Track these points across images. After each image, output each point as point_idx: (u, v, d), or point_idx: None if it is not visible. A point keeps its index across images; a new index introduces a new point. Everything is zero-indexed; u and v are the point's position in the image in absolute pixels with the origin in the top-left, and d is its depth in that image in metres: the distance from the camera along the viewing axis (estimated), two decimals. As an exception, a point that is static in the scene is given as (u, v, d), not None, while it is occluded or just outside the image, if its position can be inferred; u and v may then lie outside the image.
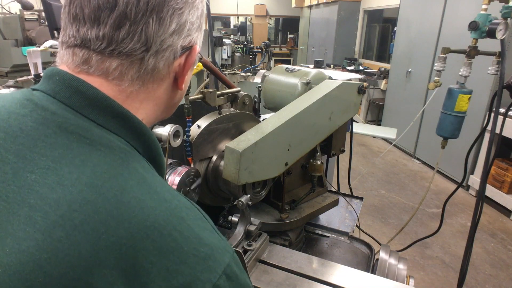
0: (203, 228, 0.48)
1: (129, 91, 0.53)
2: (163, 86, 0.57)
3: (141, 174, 0.47)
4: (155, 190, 0.46)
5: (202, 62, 1.16)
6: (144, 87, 0.54)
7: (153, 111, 0.58)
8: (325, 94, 1.17)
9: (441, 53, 1.75)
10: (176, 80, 0.58)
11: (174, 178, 1.12)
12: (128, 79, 0.52)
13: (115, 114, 0.50)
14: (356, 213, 1.48)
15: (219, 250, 0.47)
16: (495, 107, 1.55)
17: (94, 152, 0.45)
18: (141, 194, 0.44)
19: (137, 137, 0.52)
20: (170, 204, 0.46)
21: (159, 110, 0.60)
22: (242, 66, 4.00)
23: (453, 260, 3.06)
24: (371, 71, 7.28)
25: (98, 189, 0.42)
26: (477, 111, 3.95)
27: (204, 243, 0.46)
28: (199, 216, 0.50)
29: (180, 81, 0.59)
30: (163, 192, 0.47)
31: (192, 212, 0.49)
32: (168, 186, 0.50)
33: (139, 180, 0.46)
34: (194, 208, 0.51)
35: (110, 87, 0.51)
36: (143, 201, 0.44)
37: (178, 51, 0.55)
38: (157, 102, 0.58)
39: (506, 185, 3.84)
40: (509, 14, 1.52)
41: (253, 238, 1.05)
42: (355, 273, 1.02)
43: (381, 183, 4.53)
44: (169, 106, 0.63)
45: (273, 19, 13.14)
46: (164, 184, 0.50)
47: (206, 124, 1.17)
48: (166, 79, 0.56)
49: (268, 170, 1.08)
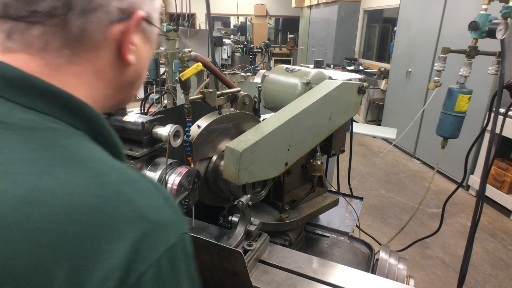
0: (149, 202, 0.43)
1: (56, 63, 0.47)
2: (102, 56, 0.50)
3: (70, 152, 0.42)
4: (87, 166, 0.42)
5: (202, 62, 1.16)
6: (76, 57, 0.48)
7: (99, 88, 0.52)
8: (325, 94, 1.17)
9: (441, 53, 1.75)
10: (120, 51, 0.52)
11: (174, 178, 1.12)
12: (54, 49, 0.46)
13: (40, 92, 0.45)
14: (356, 213, 1.48)
15: (165, 226, 0.42)
16: (495, 107, 1.55)
17: (12, 137, 0.41)
18: (66, 174, 0.40)
19: (71, 113, 0.47)
20: (105, 178, 0.42)
21: (109, 88, 0.54)
22: (242, 66, 4.00)
23: (453, 260, 3.06)
24: (371, 71, 7.28)
25: (14, 176, 0.38)
26: (477, 111, 3.95)
27: (146, 217, 0.41)
28: (148, 189, 0.45)
29: (124, 51, 0.51)
30: (98, 167, 0.43)
31: (138, 184, 0.44)
32: (112, 162, 0.45)
33: (66, 159, 0.41)
34: (143, 180, 0.46)
35: (34, 62, 0.46)
36: (68, 180, 0.39)
37: (113, 14, 0.48)
38: (101, 77, 0.52)
39: (506, 185, 3.84)
40: (509, 14, 1.52)
41: (253, 238, 1.05)
42: (355, 273, 1.02)
43: (381, 183, 4.53)
44: (123, 84, 0.56)
45: (273, 19, 13.14)
46: (107, 160, 0.45)
47: (206, 124, 1.17)
48: (104, 48, 0.50)
49: (268, 170, 1.08)
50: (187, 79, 1.11)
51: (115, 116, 1.25)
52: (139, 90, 0.64)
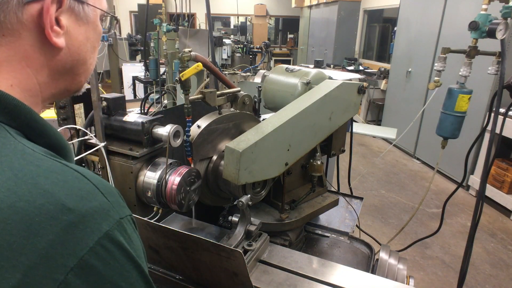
0: (73, 191, 0.40)
1: None
2: (23, 41, 0.47)
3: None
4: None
5: (202, 62, 1.16)
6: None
7: (29, 75, 0.49)
8: (325, 94, 1.17)
9: (441, 53, 1.75)
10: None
11: (175, 178, 1.12)
12: None
13: None
14: (356, 213, 1.48)
15: (94, 215, 0.40)
16: (495, 107, 1.55)
17: None
18: None
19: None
20: (17, 172, 0.39)
21: (42, 75, 0.51)
22: (242, 66, 4.00)
23: (453, 260, 3.06)
24: (371, 71, 7.28)
25: None
26: (477, 111, 3.95)
27: (68, 208, 0.39)
28: (72, 178, 0.42)
29: (47, 33, 0.48)
30: (11, 161, 0.40)
31: (59, 175, 0.41)
32: (29, 155, 0.42)
33: None
34: (66, 169, 0.43)
35: None
36: None
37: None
38: (29, 63, 0.48)
39: (506, 185, 3.84)
40: (509, 14, 1.52)
41: (253, 238, 1.05)
42: (355, 273, 1.02)
43: (381, 183, 4.53)
44: (59, 70, 0.53)
45: (273, 19, 13.14)
46: (22, 153, 0.42)
47: (206, 124, 1.17)
48: (23, 31, 0.47)
49: (268, 170, 1.08)
50: (187, 79, 1.11)
51: (115, 116, 1.25)
52: (87, 77, 0.59)
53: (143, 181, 1.18)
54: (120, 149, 1.20)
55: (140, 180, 1.19)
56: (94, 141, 1.22)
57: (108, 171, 1.20)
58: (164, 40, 4.12)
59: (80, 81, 0.58)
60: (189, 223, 1.29)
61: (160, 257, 1.00)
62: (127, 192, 1.22)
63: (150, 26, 4.41)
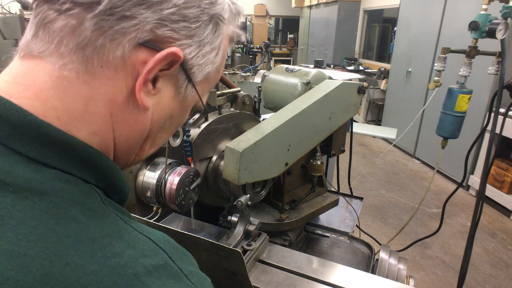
0: (163, 280, 0.37)
1: (65, 76, 0.39)
2: (115, 81, 0.41)
3: (82, 224, 0.36)
4: (101, 244, 0.36)
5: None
6: (86, 73, 0.40)
7: (108, 127, 0.43)
8: (325, 94, 1.17)
9: (441, 53, 1.75)
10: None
11: (174, 178, 1.12)
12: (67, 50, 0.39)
13: (52, 143, 0.38)
14: (356, 213, 1.48)
15: None
16: (495, 107, 1.55)
17: (18, 203, 0.34)
18: (78, 257, 0.34)
19: (84, 166, 0.40)
20: (119, 260, 0.36)
21: (118, 131, 0.44)
22: (242, 66, 4.00)
23: (453, 260, 3.06)
24: (371, 71, 7.28)
25: (21, 260, 0.32)
26: (477, 111, 3.95)
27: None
28: (162, 263, 0.39)
29: (138, 85, 0.42)
30: (111, 244, 0.37)
31: (151, 260, 0.38)
32: (122, 228, 0.39)
33: (78, 234, 0.35)
34: (157, 251, 0.39)
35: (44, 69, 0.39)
36: (81, 267, 0.33)
37: (144, 33, 0.40)
38: (112, 111, 0.42)
39: (506, 185, 3.84)
40: (509, 14, 1.52)
41: (253, 238, 1.05)
42: (355, 273, 1.02)
43: (381, 183, 4.53)
44: (135, 135, 0.46)
45: (273, 19, 13.14)
46: (116, 227, 0.39)
47: (206, 124, 1.17)
48: (120, 72, 0.41)
49: (268, 170, 1.07)
50: (187, 79, 1.10)
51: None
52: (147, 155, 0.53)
53: (143, 181, 1.18)
54: (120, 149, 1.20)
55: (140, 180, 1.19)
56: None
57: (107, 171, 1.20)
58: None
59: (141, 158, 0.52)
60: (189, 223, 1.29)
61: (159, 257, 0.99)
62: (126, 192, 1.21)
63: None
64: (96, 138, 0.42)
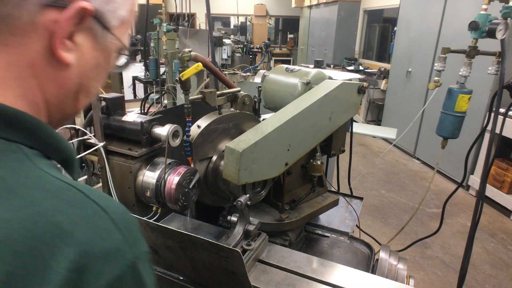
0: (90, 230, 0.38)
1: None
2: (31, 46, 0.43)
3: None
4: (17, 194, 0.37)
5: (202, 62, 1.15)
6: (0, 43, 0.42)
7: (34, 87, 0.45)
8: (325, 94, 1.17)
9: (441, 53, 1.75)
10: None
11: (173, 178, 1.12)
12: None
13: None
14: (356, 213, 1.48)
15: (106, 257, 0.38)
16: (495, 107, 1.55)
17: None
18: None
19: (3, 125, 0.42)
20: (36, 208, 0.36)
21: (47, 90, 0.46)
22: (242, 66, 4.00)
23: (453, 260, 3.06)
24: (371, 71, 7.29)
25: None
26: (477, 111, 3.95)
27: (85, 250, 0.37)
28: (91, 213, 0.40)
29: (55, 44, 0.44)
30: (30, 194, 0.37)
31: (79, 209, 0.39)
32: (50, 182, 0.40)
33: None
34: (86, 202, 0.40)
35: None
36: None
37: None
38: (35, 73, 0.44)
39: (506, 185, 3.84)
40: (509, 14, 1.52)
41: (252, 237, 1.05)
42: (355, 273, 1.02)
43: (381, 183, 4.53)
44: (64, 91, 0.49)
45: (273, 19, 13.14)
46: (43, 181, 0.40)
47: (206, 124, 1.17)
48: (34, 35, 0.43)
49: (268, 170, 1.07)
50: (187, 79, 1.11)
51: (114, 116, 1.25)
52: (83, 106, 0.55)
53: (142, 181, 1.18)
54: (119, 149, 1.20)
55: (139, 179, 1.19)
56: (93, 141, 1.22)
57: (107, 171, 1.20)
58: (164, 40, 4.13)
59: (78, 109, 0.54)
60: (188, 223, 1.29)
61: (159, 257, 1.00)
62: (126, 192, 1.22)
63: (150, 26, 4.41)
64: (24, 100, 0.44)
